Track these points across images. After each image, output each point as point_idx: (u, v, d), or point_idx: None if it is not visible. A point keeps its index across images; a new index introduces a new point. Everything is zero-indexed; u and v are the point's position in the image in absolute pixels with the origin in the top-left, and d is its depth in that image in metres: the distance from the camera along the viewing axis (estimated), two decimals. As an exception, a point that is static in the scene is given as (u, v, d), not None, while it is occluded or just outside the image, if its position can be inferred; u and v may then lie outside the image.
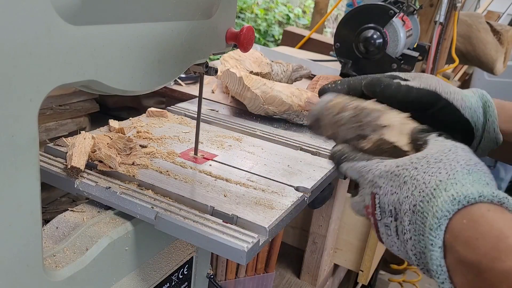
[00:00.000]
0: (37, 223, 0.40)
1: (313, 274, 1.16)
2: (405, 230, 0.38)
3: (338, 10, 4.48)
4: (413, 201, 0.37)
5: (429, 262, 0.36)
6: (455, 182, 0.36)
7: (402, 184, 0.39)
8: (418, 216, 0.37)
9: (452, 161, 0.39)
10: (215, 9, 0.59)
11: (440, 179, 0.37)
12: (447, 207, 0.35)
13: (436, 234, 0.35)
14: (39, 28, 0.36)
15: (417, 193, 0.37)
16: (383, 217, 0.40)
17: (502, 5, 3.01)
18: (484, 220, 0.34)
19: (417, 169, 0.39)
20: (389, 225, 0.40)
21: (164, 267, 0.61)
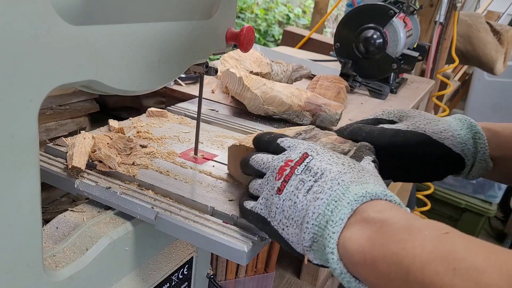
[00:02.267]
0: (37, 223, 0.40)
1: (313, 274, 1.16)
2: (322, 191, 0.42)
3: (338, 10, 4.48)
4: (343, 178, 0.42)
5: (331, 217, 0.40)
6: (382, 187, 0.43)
7: (340, 164, 0.44)
8: (341, 187, 0.41)
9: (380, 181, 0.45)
10: (215, 9, 0.59)
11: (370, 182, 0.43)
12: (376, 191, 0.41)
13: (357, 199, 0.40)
14: (39, 28, 0.36)
15: (349, 176, 0.43)
16: (305, 173, 0.44)
17: (502, 5, 3.01)
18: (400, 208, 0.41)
19: (355, 165, 0.45)
20: (305, 182, 0.43)
21: (164, 267, 0.61)
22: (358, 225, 0.39)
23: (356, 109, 1.13)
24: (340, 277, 0.40)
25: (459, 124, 0.58)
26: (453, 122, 0.58)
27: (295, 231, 0.43)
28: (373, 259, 0.37)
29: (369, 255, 0.37)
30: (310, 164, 0.44)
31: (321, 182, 0.43)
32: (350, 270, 0.39)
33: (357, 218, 0.40)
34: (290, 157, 0.46)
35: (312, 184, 0.43)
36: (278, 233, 0.45)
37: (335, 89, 1.04)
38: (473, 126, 0.57)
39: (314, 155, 0.46)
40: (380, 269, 0.36)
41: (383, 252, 0.36)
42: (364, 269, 0.38)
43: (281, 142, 0.50)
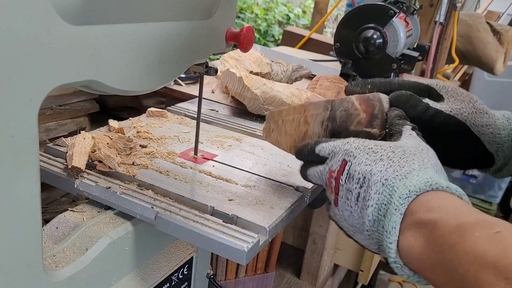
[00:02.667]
0: (37, 223, 0.40)
1: (313, 274, 1.16)
2: (370, 197, 0.42)
3: (338, 10, 4.48)
4: (385, 175, 0.42)
5: (385, 224, 0.41)
6: (426, 173, 0.42)
7: (378, 160, 0.43)
8: (387, 188, 0.41)
9: (424, 158, 0.44)
10: (215, 9, 0.59)
11: (414, 168, 0.43)
12: (419, 185, 0.40)
13: (403, 202, 0.40)
14: (39, 28, 0.36)
15: (391, 170, 0.42)
16: (349, 182, 0.44)
17: (502, 5, 3.01)
18: (447, 199, 0.40)
19: (394, 153, 0.44)
20: (352, 190, 0.43)
21: (164, 267, 0.61)
22: (411, 230, 0.40)
23: (356, 109, 1.13)
24: (410, 279, 0.41)
25: (505, 123, 0.56)
26: (500, 119, 0.57)
27: (362, 237, 0.45)
28: (431, 267, 0.38)
29: (427, 263, 0.38)
30: (351, 170, 0.45)
31: (365, 187, 0.43)
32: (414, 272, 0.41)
33: (409, 222, 0.40)
34: (332, 167, 0.47)
35: (359, 191, 0.43)
36: (353, 238, 0.47)
37: (335, 89, 1.04)
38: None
39: (352, 160, 0.45)
40: (439, 277, 0.37)
41: (439, 260, 0.37)
42: (426, 275, 0.39)
43: (319, 151, 0.50)
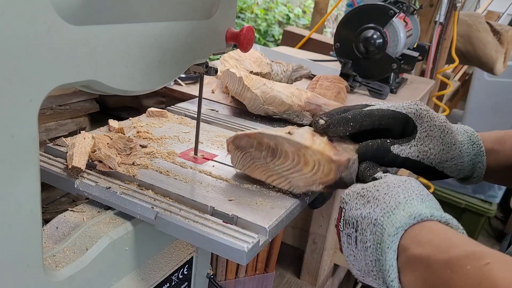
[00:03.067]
0: (37, 223, 0.40)
1: (313, 274, 1.16)
2: (366, 239, 0.45)
3: (338, 10, 4.48)
4: (374, 215, 0.45)
5: (383, 264, 0.43)
6: (412, 205, 0.44)
7: (366, 203, 0.47)
8: (378, 228, 0.44)
9: (409, 189, 0.47)
10: (215, 9, 0.59)
11: (399, 201, 0.45)
12: (404, 220, 0.43)
13: (393, 239, 0.42)
14: (39, 28, 0.36)
15: (378, 210, 0.45)
16: (346, 228, 0.47)
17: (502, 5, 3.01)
18: (435, 229, 0.42)
19: (379, 191, 0.47)
20: (351, 235, 0.46)
21: (164, 267, 0.61)
22: (408, 268, 0.42)
23: (356, 109, 1.13)
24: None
25: (470, 149, 0.61)
26: (465, 146, 0.61)
27: (371, 279, 0.46)
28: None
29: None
30: (346, 217, 0.48)
31: (360, 230, 0.46)
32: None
33: (404, 259, 0.42)
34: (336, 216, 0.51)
35: (356, 235, 0.46)
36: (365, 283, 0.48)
37: (335, 89, 1.04)
38: (479, 155, 0.61)
39: (345, 206, 0.49)
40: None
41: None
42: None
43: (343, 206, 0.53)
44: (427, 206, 0.45)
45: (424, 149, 0.58)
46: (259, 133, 0.60)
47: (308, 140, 0.58)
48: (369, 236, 0.44)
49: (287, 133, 0.59)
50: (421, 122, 0.59)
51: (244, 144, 0.62)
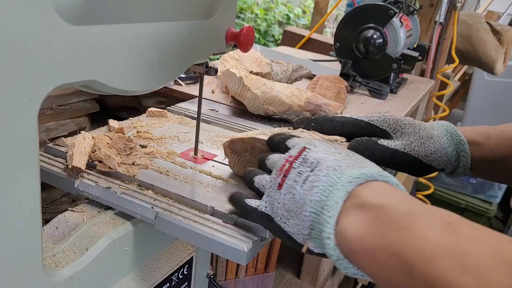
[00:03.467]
0: (37, 223, 0.40)
1: (313, 274, 1.16)
2: (318, 179, 0.42)
3: (338, 10, 4.48)
4: (339, 163, 0.44)
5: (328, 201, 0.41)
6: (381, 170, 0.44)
7: (336, 153, 0.46)
8: (338, 172, 0.42)
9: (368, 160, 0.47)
10: (215, 9, 0.59)
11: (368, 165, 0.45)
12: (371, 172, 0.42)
13: (351, 181, 0.41)
14: (39, 28, 0.36)
15: (346, 162, 0.44)
16: (302, 166, 0.45)
17: (502, 5, 3.01)
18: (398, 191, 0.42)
19: (353, 154, 0.47)
20: (302, 173, 0.44)
21: (164, 267, 0.61)
22: (356, 210, 0.39)
23: (356, 109, 1.13)
24: (337, 263, 0.40)
25: (449, 141, 0.62)
26: (443, 139, 0.62)
27: (295, 222, 0.43)
28: (372, 248, 0.37)
29: (368, 244, 0.37)
30: (307, 156, 0.46)
31: (317, 170, 0.43)
32: (348, 257, 0.40)
33: (354, 202, 0.40)
34: (290, 153, 0.48)
35: (308, 174, 0.44)
36: (281, 228, 0.45)
37: (335, 89, 1.04)
38: (460, 144, 0.61)
39: (311, 148, 0.47)
40: (380, 259, 0.36)
41: (383, 242, 0.36)
42: (363, 258, 0.38)
43: (288, 143, 0.52)
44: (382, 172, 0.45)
45: (407, 142, 0.59)
46: (252, 138, 0.60)
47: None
48: (323, 177, 0.42)
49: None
50: (387, 125, 0.61)
51: (239, 148, 0.62)
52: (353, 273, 0.40)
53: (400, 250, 0.34)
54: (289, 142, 0.52)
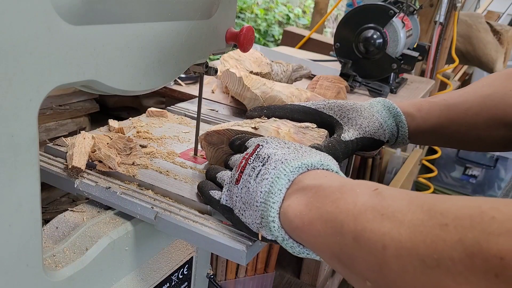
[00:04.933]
0: (37, 223, 0.40)
1: (313, 274, 1.16)
2: (268, 172, 0.46)
3: (338, 10, 4.48)
4: (287, 157, 0.47)
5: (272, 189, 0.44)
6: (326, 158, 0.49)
7: (286, 148, 0.50)
8: (285, 165, 0.46)
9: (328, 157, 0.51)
10: (215, 9, 0.59)
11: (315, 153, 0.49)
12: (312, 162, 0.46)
13: (293, 171, 0.45)
14: (39, 28, 0.36)
15: (293, 155, 0.48)
16: (255, 161, 0.49)
17: (502, 5, 3.01)
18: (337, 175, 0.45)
19: (302, 148, 0.50)
20: (256, 168, 0.48)
21: (164, 267, 0.61)
22: (296, 194, 0.44)
23: (356, 109, 1.13)
24: (283, 244, 0.44)
25: (387, 114, 0.68)
26: (383, 113, 0.68)
27: (250, 213, 0.47)
28: (310, 221, 0.40)
29: (306, 218, 0.41)
30: (260, 152, 0.49)
31: (267, 164, 0.47)
32: (291, 235, 0.43)
33: (295, 188, 0.44)
34: (247, 151, 0.52)
35: (260, 169, 0.47)
36: (240, 219, 0.48)
37: (335, 89, 1.04)
38: (397, 116, 0.68)
39: (264, 144, 0.51)
40: (317, 229, 0.39)
41: (319, 213, 0.40)
42: (303, 232, 0.41)
43: (247, 143, 0.57)
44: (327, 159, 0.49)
45: (357, 127, 0.64)
46: (227, 130, 0.62)
47: (273, 133, 0.61)
48: (272, 170, 0.46)
49: (253, 128, 0.62)
50: (333, 112, 0.66)
51: (215, 140, 0.64)
52: (299, 252, 0.44)
53: (332, 216, 0.38)
54: (248, 143, 0.57)
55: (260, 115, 0.68)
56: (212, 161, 0.65)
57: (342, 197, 0.39)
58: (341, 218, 0.37)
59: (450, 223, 0.29)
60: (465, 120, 0.65)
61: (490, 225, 0.27)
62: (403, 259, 0.31)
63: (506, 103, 0.63)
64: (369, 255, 0.33)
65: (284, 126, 0.63)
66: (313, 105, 0.68)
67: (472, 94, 0.66)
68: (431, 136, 0.69)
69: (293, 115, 0.67)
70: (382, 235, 0.33)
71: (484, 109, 0.64)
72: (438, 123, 0.66)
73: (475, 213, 0.28)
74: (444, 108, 0.66)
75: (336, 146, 0.61)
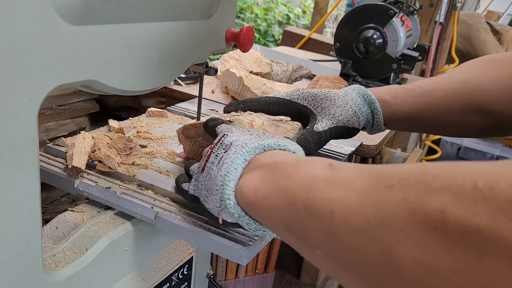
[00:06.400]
0: (37, 223, 0.40)
1: (313, 274, 1.16)
2: (229, 157, 0.47)
3: (338, 10, 4.48)
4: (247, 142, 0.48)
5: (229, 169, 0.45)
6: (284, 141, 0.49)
7: (248, 134, 0.51)
8: (244, 149, 0.47)
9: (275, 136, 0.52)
10: (215, 9, 0.59)
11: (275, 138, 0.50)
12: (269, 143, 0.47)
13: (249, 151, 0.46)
14: (39, 28, 0.36)
15: (254, 139, 0.49)
16: (219, 149, 0.49)
17: (502, 5, 3.01)
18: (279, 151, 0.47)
19: (264, 134, 0.52)
20: (219, 155, 0.49)
21: (164, 267, 0.61)
22: (251, 171, 0.44)
23: (356, 109, 1.13)
24: (240, 220, 0.45)
25: (362, 101, 0.68)
26: (357, 100, 0.67)
27: (212, 198, 0.47)
28: (264, 195, 0.41)
29: (261, 193, 0.41)
30: (224, 141, 0.50)
31: (229, 151, 0.48)
32: (247, 212, 0.44)
33: (251, 167, 0.45)
34: (214, 141, 0.52)
35: (222, 155, 0.48)
36: (205, 207, 0.49)
37: (335, 89, 1.04)
38: (372, 103, 0.67)
39: (229, 133, 0.52)
40: (271, 202, 0.40)
41: (273, 187, 0.40)
42: (258, 207, 0.42)
43: (217, 129, 0.57)
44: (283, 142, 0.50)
45: (330, 116, 0.65)
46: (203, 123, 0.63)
47: (247, 126, 0.62)
48: (232, 154, 0.47)
49: (228, 121, 0.63)
50: (307, 102, 0.67)
51: (192, 133, 0.64)
52: (255, 228, 0.44)
53: (286, 189, 0.39)
54: (218, 128, 0.57)
55: (237, 109, 0.68)
56: (190, 154, 0.66)
57: (296, 172, 0.39)
58: (293, 189, 0.38)
59: (396, 184, 0.29)
60: (440, 106, 0.65)
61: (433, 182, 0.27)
62: (350, 221, 0.31)
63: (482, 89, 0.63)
64: (318, 222, 0.34)
65: (258, 119, 0.64)
66: (287, 96, 0.68)
67: (449, 80, 0.66)
68: (407, 122, 0.69)
69: (268, 107, 0.67)
70: (332, 202, 0.33)
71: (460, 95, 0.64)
72: (413, 109, 0.66)
73: (420, 173, 0.29)
74: (419, 95, 0.67)
75: (309, 138, 0.62)
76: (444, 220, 0.25)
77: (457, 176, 0.26)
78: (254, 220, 0.44)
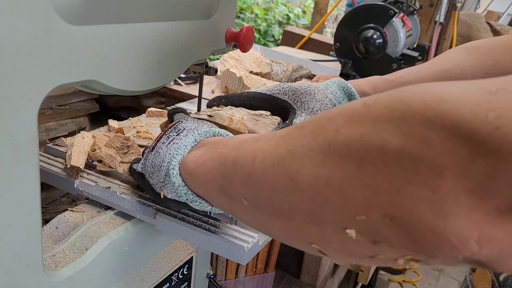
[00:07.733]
0: (37, 223, 0.40)
1: (313, 274, 1.16)
2: (179, 140, 0.50)
3: (338, 10, 4.48)
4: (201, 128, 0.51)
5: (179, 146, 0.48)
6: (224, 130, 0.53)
7: (200, 123, 0.54)
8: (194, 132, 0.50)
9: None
10: (215, 9, 0.59)
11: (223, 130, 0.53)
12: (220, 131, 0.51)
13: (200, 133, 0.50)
14: (39, 28, 0.36)
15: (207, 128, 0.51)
16: (172, 131, 0.52)
17: (502, 5, 3.01)
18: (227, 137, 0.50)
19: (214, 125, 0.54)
20: (170, 137, 0.51)
21: (164, 267, 0.61)
22: (197, 148, 0.48)
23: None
24: (179, 190, 0.47)
25: (342, 94, 0.68)
26: (337, 93, 0.68)
27: (157, 174, 0.50)
28: (203, 162, 0.44)
29: (200, 160, 0.44)
30: (178, 126, 0.53)
31: (181, 135, 0.51)
32: (187, 183, 0.46)
33: (198, 146, 0.49)
34: (168, 126, 0.55)
35: (174, 137, 0.51)
36: (149, 182, 0.51)
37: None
38: (352, 96, 0.68)
39: (183, 121, 0.54)
40: (207, 166, 0.43)
41: (211, 154, 0.43)
42: (196, 174, 0.44)
43: (175, 116, 0.60)
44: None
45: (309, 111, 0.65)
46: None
47: (226, 120, 0.63)
48: (183, 137, 0.50)
49: (209, 116, 0.64)
50: (288, 97, 0.67)
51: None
52: (192, 199, 0.47)
53: (220, 153, 0.42)
54: (175, 116, 0.61)
55: (219, 104, 0.70)
56: None
57: (232, 141, 0.43)
58: (226, 151, 0.41)
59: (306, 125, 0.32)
60: None
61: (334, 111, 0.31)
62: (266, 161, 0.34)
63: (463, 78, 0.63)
64: (242, 170, 0.37)
65: (238, 113, 0.64)
66: (268, 91, 0.69)
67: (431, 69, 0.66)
68: None
69: (250, 102, 0.69)
70: (254, 150, 0.36)
71: None
72: None
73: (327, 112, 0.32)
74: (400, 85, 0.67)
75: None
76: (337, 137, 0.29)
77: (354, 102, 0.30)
78: (192, 192, 0.46)
